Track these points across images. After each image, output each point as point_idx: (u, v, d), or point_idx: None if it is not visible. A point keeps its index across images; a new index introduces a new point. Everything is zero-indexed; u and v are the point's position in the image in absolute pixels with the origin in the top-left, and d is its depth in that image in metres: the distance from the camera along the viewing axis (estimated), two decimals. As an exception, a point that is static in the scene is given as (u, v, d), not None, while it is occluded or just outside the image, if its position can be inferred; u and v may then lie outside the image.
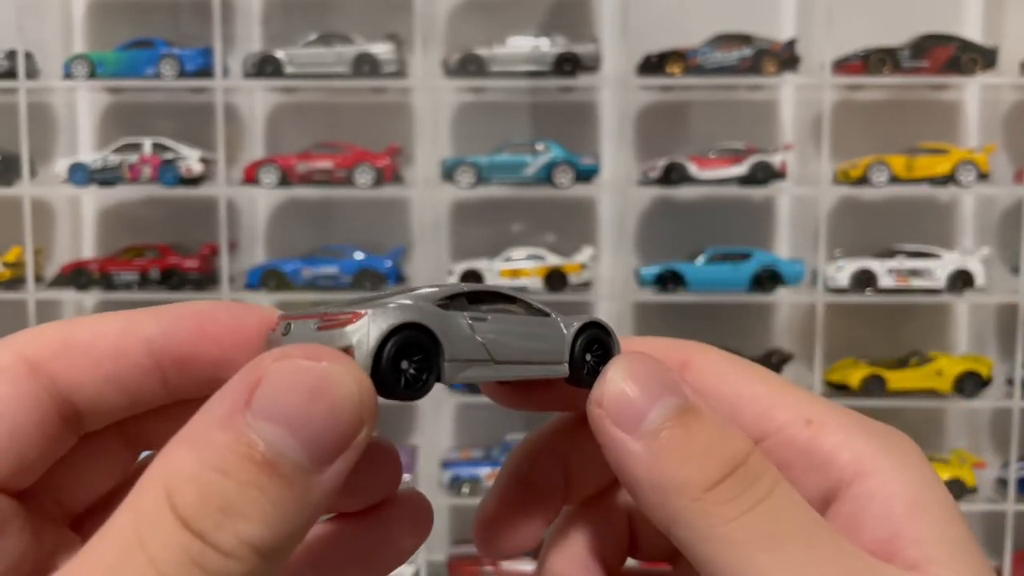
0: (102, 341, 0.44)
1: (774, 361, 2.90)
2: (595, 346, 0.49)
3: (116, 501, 0.43)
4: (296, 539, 0.38)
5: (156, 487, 0.37)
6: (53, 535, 0.46)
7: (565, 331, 0.49)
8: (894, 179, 2.85)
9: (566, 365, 0.48)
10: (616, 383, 0.45)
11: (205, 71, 2.87)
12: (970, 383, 2.87)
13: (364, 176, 2.89)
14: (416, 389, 0.43)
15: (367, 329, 0.42)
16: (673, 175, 2.87)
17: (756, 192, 2.94)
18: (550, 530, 0.53)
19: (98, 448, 0.47)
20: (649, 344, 0.51)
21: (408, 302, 0.44)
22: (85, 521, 0.48)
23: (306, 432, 0.38)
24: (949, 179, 2.85)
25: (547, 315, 0.50)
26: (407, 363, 0.43)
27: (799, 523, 0.42)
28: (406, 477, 2.64)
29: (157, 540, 0.36)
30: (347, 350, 0.42)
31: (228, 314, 0.46)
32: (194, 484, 0.37)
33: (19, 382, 0.42)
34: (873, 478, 0.44)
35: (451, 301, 0.47)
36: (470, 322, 0.46)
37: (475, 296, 0.48)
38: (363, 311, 0.43)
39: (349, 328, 0.42)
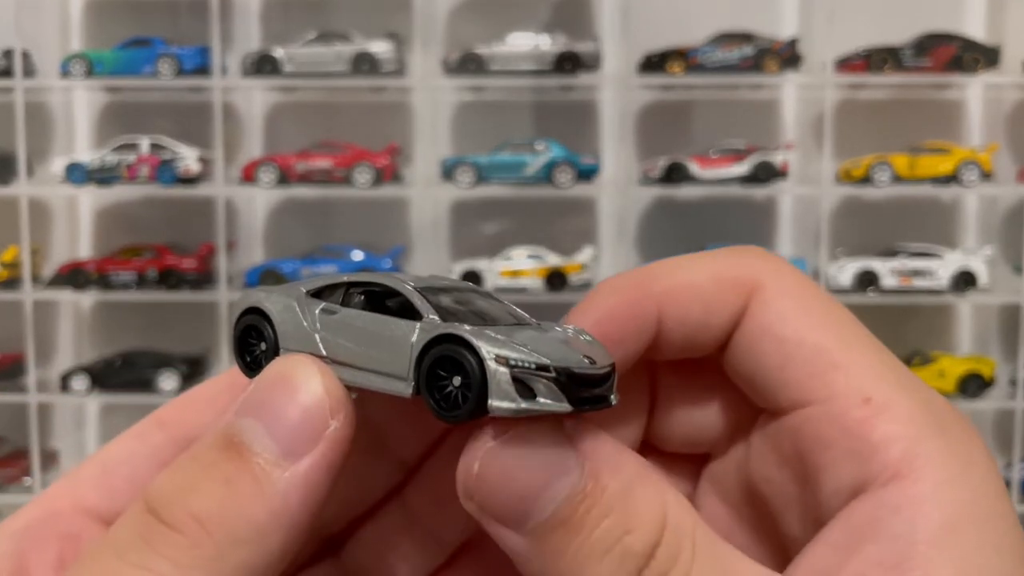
0: (213, 386, 0.49)
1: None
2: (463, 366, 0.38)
3: (368, 522, 0.49)
4: (257, 528, 0.37)
5: (145, 488, 0.40)
6: None
7: (413, 340, 0.39)
8: (897, 178, 2.84)
9: (409, 384, 0.39)
10: (487, 474, 0.37)
11: (203, 70, 2.85)
12: (973, 384, 2.85)
13: (363, 175, 2.87)
14: (251, 369, 0.45)
15: (237, 309, 0.46)
16: (674, 174, 2.86)
17: (758, 191, 2.92)
18: None
19: (354, 470, 0.49)
20: (712, 262, 0.44)
21: (281, 287, 0.46)
22: (340, 541, 0.50)
23: (269, 418, 0.39)
24: (952, 178, 2.83)
25: (418, 317, 0.40)
26: (264, 345, 0.44)
27: None
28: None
29: (121, 525, 0.39)
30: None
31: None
32: (167, 473, 0.39)
33: (145, 437, 0.47)
34: (913, 488, 0.37)
35: (329, 290, 0.45)
36: (319, 315, 0.43)
37: (358, 291, 0.44)
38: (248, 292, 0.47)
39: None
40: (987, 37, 2.93)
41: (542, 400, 0.37)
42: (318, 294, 0.45)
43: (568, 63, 2.87)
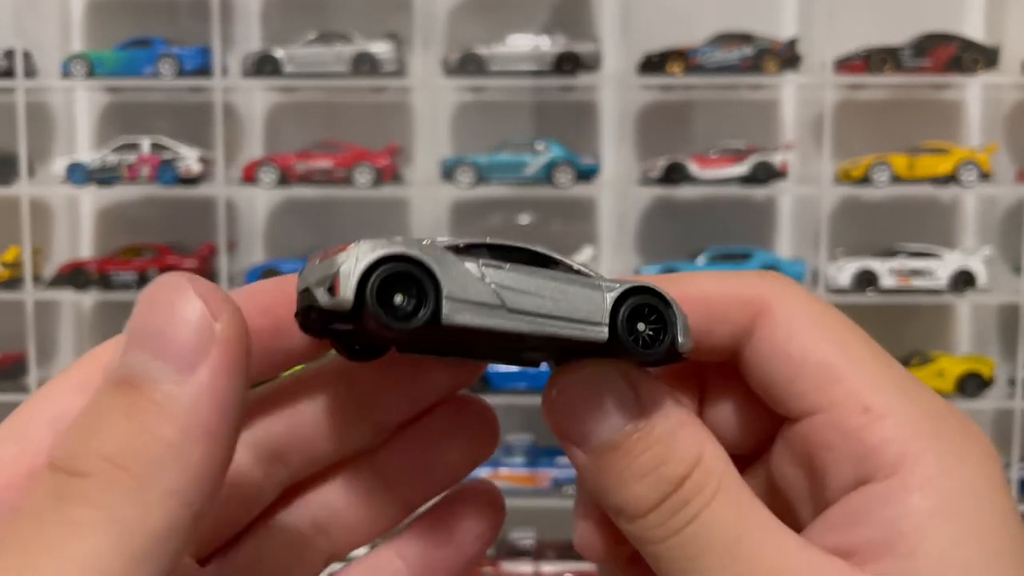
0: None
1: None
2: (651, 315, 0.45)
3: (254, 533, 0.47)
4: (173, 448, 0.36)
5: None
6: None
7: (606, 293, 0.45)
8: (896, 179, 2.84)
9: (605, 328, 0.44)
10: (561, 400, 0.45)
11: (204, 70, 2.86)
12: (972, 384, 2.86)
13: (363, 176, 2.88)
14: (406, 321, 0.41)
15: (354, 258, 0.41)
16: (674, 175, 2.86)
17: (757, 192, 2.93)
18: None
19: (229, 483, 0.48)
20: (725, 280, 0.48)
21: (409, 240, 0.43)
22: (224, 554, 0.48)
23: (151, 343, 0.37)
24: (951, 179, 2.84)
25: (588, 276, 0.46)
26: (401, 297, 0.41)
27: (723, 540, 0.43)
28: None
29: (31, 494, 0.36)
30: (334, 279, 0.41)
31: (273, 289, 0.46)
32: (66, 431, 0.37)
33: (92, 389, 0.42)
34: (904, 481, 0.42)
35: (467, 249, 0.45)
36: (482, 268, 0.43)
37: (503, 252, 0.46)
38: (355, 242, 0.42)
39: (339, 256, 0.41)
40: (987, 37, 2.94)
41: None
42: (459, 251, 0.44)
43: (568, 63, 2.87)
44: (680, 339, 0.45)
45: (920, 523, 0.41)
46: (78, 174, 2.89)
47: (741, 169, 2.87)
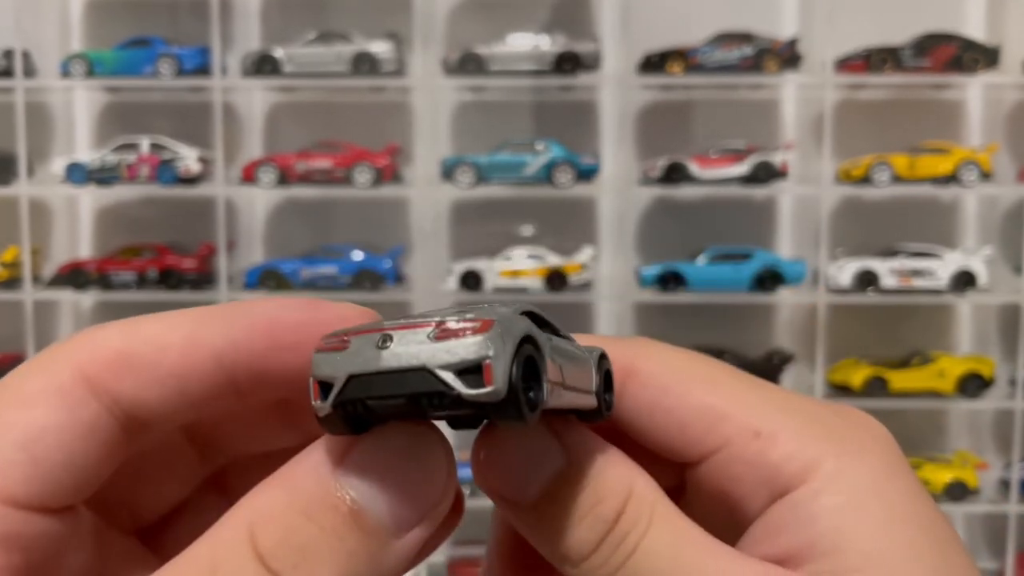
0: (166, 356, 0.42)
1: (775, 362, 2.88)
2: (607, 377, 0.46)
3: (186, 512, 0.47)
4: None
5: (239, 522, 0.39)
6: (120, 546, 0.46)
7: (592, 361, 0.45)
8: (896, 178, 2.84)
9: (594, 396, 0.44)
10: (491, 461, 0.44)
11: (203, 70, 2.86)
12: (972, 384, 2.86)
13: (363, 175, 2.87)
14: (534, 411, 0.37)
15: (502, 339, 0.36)
16: (674, 174, 2.86)
17: (757, 192, 2.92)
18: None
19: (168, 458, 0.48)
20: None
21: (506, 312, 0.38)
22: (156, 533, 0.49)
23: (393, 492, 0.39)
24: (951, 179, 2.83)
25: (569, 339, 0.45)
26: (522, 382, 0.37)
27: (664, 567, 0.43)
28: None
29: (231, 572, 0.38)
30: (482, 364, 0.36)
31: (301, 316, 0.43)
32: (278, 524, 0.38)
33: (76, 408, 0.41)
34: (810, 486, 0.43)
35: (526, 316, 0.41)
36: (546, 341, 0.40)
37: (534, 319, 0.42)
38: (489, 318, 0.37)
39: (482, 337, 0.36)
40: (987, 37, 2.93)
41: None
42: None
43: (568, 63, 2.87)
44: (615, 402, 0.47)
45: (835, 520, 0.42)
46: (77, 174, 2.89)
47: (741, 169, 2.86)
